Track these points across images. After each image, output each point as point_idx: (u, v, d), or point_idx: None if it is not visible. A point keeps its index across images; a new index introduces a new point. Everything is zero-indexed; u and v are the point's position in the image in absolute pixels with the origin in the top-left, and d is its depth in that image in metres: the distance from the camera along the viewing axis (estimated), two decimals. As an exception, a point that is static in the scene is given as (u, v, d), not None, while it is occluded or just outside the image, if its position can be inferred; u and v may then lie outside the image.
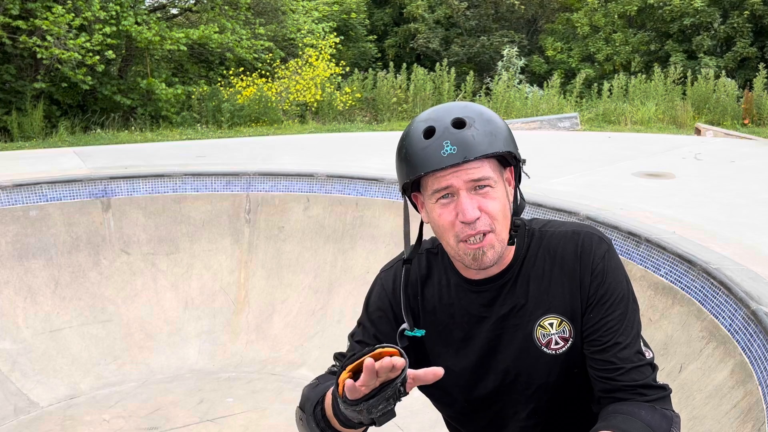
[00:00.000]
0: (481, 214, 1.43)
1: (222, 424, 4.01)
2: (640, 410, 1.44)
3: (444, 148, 1.39)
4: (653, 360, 1.53)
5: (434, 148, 1.40)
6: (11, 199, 5.06)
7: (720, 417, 2.60)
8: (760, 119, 11.76)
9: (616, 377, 1.48)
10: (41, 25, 10.84)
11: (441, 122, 1.43)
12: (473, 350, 1.59)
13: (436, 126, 1.42)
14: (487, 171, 1.43)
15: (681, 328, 3.19)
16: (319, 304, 5.08)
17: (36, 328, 4.70)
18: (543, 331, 1.55)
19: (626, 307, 1.51)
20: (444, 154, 1.39)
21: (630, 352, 1.49)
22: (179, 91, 12.82)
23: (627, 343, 1.49)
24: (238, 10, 14.38)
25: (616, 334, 1.49)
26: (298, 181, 5.67)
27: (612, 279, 1.52)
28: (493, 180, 1.44)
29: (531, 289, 1.55)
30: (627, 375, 1.47)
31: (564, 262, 1.54)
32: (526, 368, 1.57)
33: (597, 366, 1.51)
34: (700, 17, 16.62)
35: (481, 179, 1.42)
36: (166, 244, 5.34)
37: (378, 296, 1.67)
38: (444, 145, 1.39)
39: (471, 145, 1.40)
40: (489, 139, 1.42)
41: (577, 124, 11.40)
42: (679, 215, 4.38)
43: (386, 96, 13.66)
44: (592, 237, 1.55)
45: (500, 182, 1.47)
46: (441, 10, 20.70)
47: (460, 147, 1.39)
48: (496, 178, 1.45)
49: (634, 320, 1.53)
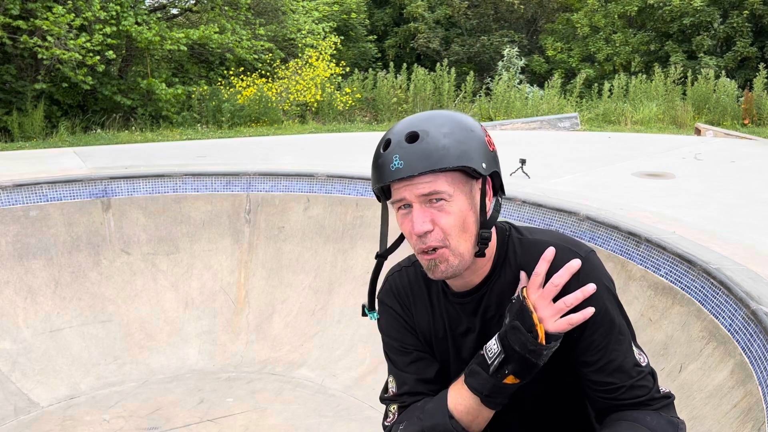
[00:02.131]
0: (434, 227, 1.43)
1: (222, 424, 4.01)
2: (645, 416, 1.43)
3: (393, 162, 1.40)
4: (649, 365, 1.49)
5: (386, 161, 1.42)
6: (11, 199, 5.06)
7: (720, 417, 2.59)
8: (760, 119, 11.76)
9: (618, 396, 1.45)
10: (41, 25, 10.84)
11: (397, 135, 1.43)
12: (464, 361, 1.59)
13: (393, 139, 1.43)
14: (440, 185, 1.41)
15: (681, 328, 3.19)
16: (319, 304, 5.08)
17: (36, 328, 4.70)
18: None
19: (611, 321, 1.46)
20: (392, 168, 1.40)
21: (627, 367, 1.45)
22: (179, 91, 12.82)
23: (621, 359, 1.45)
24: (239, 10, 14.38)
25: (606, 351, 1.45)
26: (298, 181, 5.67)
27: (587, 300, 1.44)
28: (448, 194, 1.42)
29: (505, 298, 1.54)
30: (629, 392, 1.45)
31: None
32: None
33: (596, 387, 1.48)
34: (699, 17, 16.63)
35: (431, 193, 1.41)
36: (167, 244, 5.34)
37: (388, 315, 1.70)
38: (393, 159, 1.40)
39: (417, 160, 1.39)
40: (440, 153, 1.39)
41: (578, 124, 11.40)
42: (679, 215, 4.38)
43: (386, 96, 13.66)
44: (565, 255, 1.48)
45: (460, 195, 1.43)
46: (441, 9, 20.71)
47: (406, 162, 1.39)
48: (452, 191, 1.42)
49: (623, 330, 1.48)
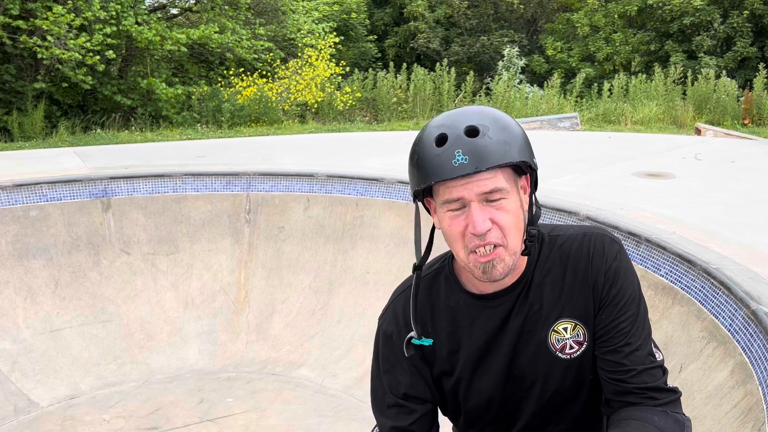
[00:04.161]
0: (493, 226, 1.38)
1: (222, 424, 4.01)
2: (653, 416, 1.43)
3: (455, 158, 1.34)
4: (663, 362, 1.51)
5: (446, 156, 1.34)
6: (11, 199, 5.06)
7: (720, 417, 2.59)
8: (760, 119, 11.75)
9: (626, 379, 1.47)
10: (41, 25, 10.83)
11: (454, 129, 1.36)
12: (493, 364, 1.57)
13: (449, 133, 1.36)
14: (500, 182, 1.37)
15: (681, 328, 3.19)
16: (319, 304, 5.08)
17: (36, 328, 4.70)
18: (557, 336, 1.53)
19: (638, 308, 1.50)
20: (455, 164, 1.34)
21: (641, 354, 1.47)
22: (179, 91, 12.82)
23: (638, 344, 1.47)
24: (238, 10, 14.38)
25: (628, 336, 1.47)
26: (298, 181, 5.66)
27: (624, 280, 1.50)
28: (506, 191, 1.39)
29: (545, 295, 1.53)
30: (638, 377, 1.46)
31: (576, 265, 1.52)
32: (543, 375, 1.55)
33: (607, 367, 1.50)
34: (700, 16, 16.62)
35: (493, 191, 1.37)
36: (166, 244, 5.34)
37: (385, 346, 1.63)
38: (456, 154, 1.34)
39: (483, 155, 1.34)
40: (503, 148, 1.36)
41: (577, 124, 11.40)
42: (679, 215, 4.38)
43: (386, 96, 13.66)
44: (603, 238, 1.53)
45: (514, 192, 1.42)
46: (441, 9, 20.71)
47: (472, 157, 1.33)
48: (509, 188, 1.39)
49: (645, 321, 1.51)
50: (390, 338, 1.61)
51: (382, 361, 1.63)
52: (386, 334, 1.62)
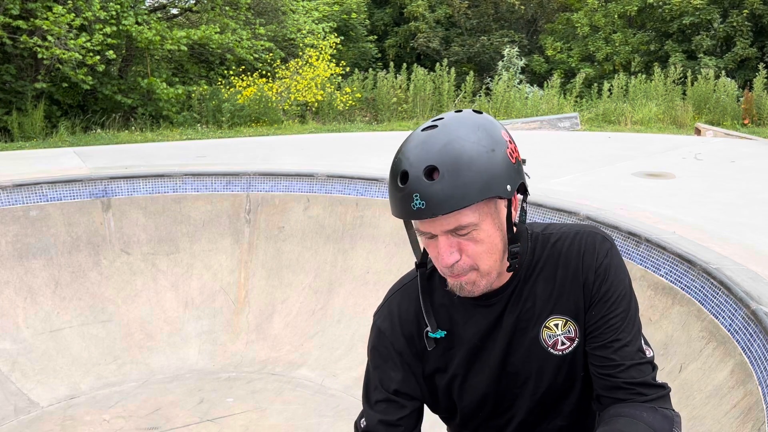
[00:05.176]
0: (462, 256, 1.41)
1: (222, 424, 4.01)
2: (641, 412, 1.44)
3: (414, 201, 1.34)
4: (653, 359, 1.53)
5: (406, 198, 1.35)
6: (11, 199, 5.06)
7: (720, 417, 2.60)
8: (760, 119, 11.75)
9: (615, 374, 1.48)
10: (42, 25, 10.83)
11: (415, 169, 1.35)
12: (487, 361, 1.59)
13: (410, 172, 1.35)
14: (465, 219, 1.37)
15: (681, 328, 3.19)
16: (319, 304, 5.08)
17: (36, 328, 4.70)
18: (549, 332, 1.55)
19: (628, 305, 1.52)
20: (414, 208, 1.34)
21: (631, 349, 1.49)
22: (180, 91, 12.82)
23: (628, 340, 1.50)
24: (239, 10, 14.38)
25: (617, 332, 1.50)
26: (298, 181, 5.67)
27: (614, 277, 1.52)
28: (473, 224, 1.38)
29: (537, 292, 1.55)
30: (626, 372, 1.48)
31: (568, 262, 1.54)
32: (536, 371, 1.57)
33: (597, 363, 1.52)
34: (699, 15, 16.62)
35: (456, 228, 1.38)
36: (166, 244, 5.34)
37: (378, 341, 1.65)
38: (414, 197, 1.34)
39: (439, 202, 1.33)
40: (461, 192, 1.33)
41: (577, 124, 11.40)
42: (679, 215, 4.38)
43: (386, 96, 13.66)
44: (594, 236, 1.55)
45: (487, 221, 1.41)
46: (441, 9, 20.72)
47: (428, 202, 1.33)
48: (477, 220, 1.38)
49: (636, 318, 1.53)
50: (383, 334, 1.64)
51: (375, 357, 1.66)
52: (380, 330, 1.65)
